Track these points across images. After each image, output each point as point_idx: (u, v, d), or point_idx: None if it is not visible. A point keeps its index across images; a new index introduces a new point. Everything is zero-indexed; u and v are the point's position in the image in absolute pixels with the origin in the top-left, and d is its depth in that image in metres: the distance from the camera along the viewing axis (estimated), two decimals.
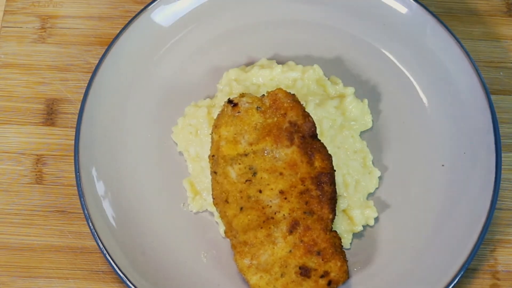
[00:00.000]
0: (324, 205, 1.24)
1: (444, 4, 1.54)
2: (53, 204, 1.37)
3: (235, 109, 1.28)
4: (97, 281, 1.32)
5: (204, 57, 1.45)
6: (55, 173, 1.39)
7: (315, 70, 1.41)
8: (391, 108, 1.42)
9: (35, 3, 1.53)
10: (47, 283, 1.32)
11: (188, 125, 1.37)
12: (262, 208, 1.24)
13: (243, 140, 1.27)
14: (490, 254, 1.35)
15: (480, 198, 1.30)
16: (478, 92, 1.36)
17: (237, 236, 1.24)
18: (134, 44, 1.41)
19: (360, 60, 1.45)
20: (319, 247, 1.23)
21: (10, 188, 1.38)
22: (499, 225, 1.37)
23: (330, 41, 1.46)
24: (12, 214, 1.36)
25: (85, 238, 1.35)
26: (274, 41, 1.46)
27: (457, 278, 1.24)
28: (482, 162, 1.32)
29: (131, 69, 1.41)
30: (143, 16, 1.41)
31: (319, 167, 1.25)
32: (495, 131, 1.33)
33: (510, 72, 1.49)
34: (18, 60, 1.47)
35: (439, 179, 1.35)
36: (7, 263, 1.33)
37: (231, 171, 1.25)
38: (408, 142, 1.39)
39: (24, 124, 1.43)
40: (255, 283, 1.23)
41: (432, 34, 1.41)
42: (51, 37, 1.50)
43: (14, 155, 1.40)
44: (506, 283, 1.34)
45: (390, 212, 1.35)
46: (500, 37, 1.52)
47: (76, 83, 1.46)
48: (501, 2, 1.55)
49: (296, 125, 1.27)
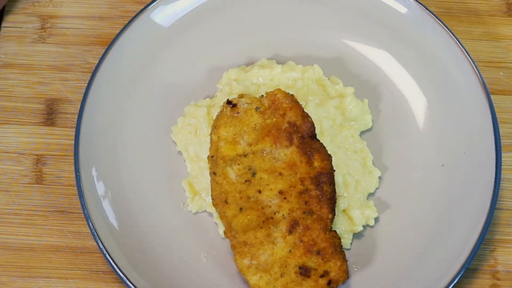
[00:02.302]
0: (323, 205, 1.24)
1: (444, 4, 1.54)
2: (53, 204, 1.37)
3: (234, 110, 1.28)
4: (97, 281, 1.32)
5: (204, 57, 1.45)
6: (55, 173, 1.39)
7: (315, 70, 1.41)
8: (391, 108, 1.42)
9: (35, 3, 1.53)
10: (47, 283, 1.32)
11: (188, 124, 1.37)
12: (262, 208, 1.24)
13: (242, 141, 1.27)
14: (490, 254, 1.35)
15: (480, 198, 1.30)
16: (478, 92, 1.36)
17: (236, 236, 1.24)
18: (134, 44, 1.41)
19: (360, 60, 1.45)
20: (318, 246, 1.23)
21: (10, 188, 1.38)
22: (499, 225, 1.37)
23: (330, 41, 1.46)
24: (12, 214, 1.36)
25: (85, 238, 1.35)
26: (274, 41, 1.46)
27: (457, 278, 1.24)
28: (482, 162, 1.32)
29: (131, 69, 1.41)
30: (143, 16, 1.41)
31: (319, 167, 1.25)
32: (495, 131, 1.33)
33: (510, 72, 1.49)
34: (18, 60, 1.48)
35: (439, 179, 1.35)
36: (7, 263, 1.33)
37: (230, 172, 1.25)
38: (408, 142, 1.39)
39: (24, 124, 1.43)
40: (255, 283, 1.23)
41: (432, 34, 1.41)
42: (51, 37, 1.50)
43: (14, 155, 1.40)
44: (506, 283, 1.34)
45: (390, 212, 1.35)
46: (500, 37, 1.51)
47: (76, 83, 1.46)
48: (501, 2, 1.55)
49: (295, 126, 1.26)
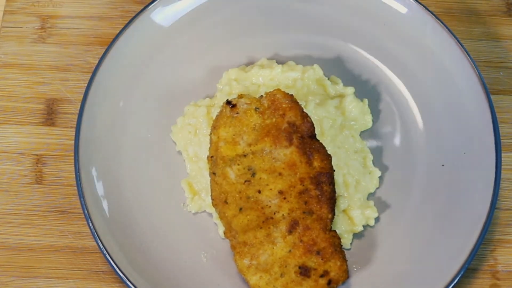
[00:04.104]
0: (323, 204, 1.24)
1: (444, 4, 1.54)
2: (53, 204, 1.37)
3: (234, 110, 1.28)
4: (97, 281, 1.32)
5: (204, 57, 1.45)
6: (55, 173, 1.39)
7: (315, 70, 1.41)
8: (391, 108, 1.42)
9: (35, 3, 1.53)
10: (46, 283, 1.32)
11: (188, 124, 1.37)
12: (262, 209, 1.24)
13: (242, 141, 1.26)
14: (490, 254, 1.35)
15: (480, 198, 1.30)
16: (478, 92, 1.35)
17: (236, 236, 1.24)
18: (134, 44, 1.41)
19: (360, 60, 1.45)
20: (318, 246, 1.23)
21: (10, 188, 1.38)
22: (499, 225, 1.37)
23: (330, 41, 1.46)
24: (11, 214, 1.36)
25: (85, 238, 1.35)
26: (274, 41, 1.46)
27: (457, 278, 1.24)
28: (482, 162, 1.32)
29: (131, 69, 1.41)
30: (143, 16, 1.41)
31: (318, 167, 1.25)
32: (495, 131, 1.33)
33: (510, 72, 1.48)
34: (18, 60, 1.47)
35: (439, 179, 1.35)
36: (6, 263, 1.33)
37: (230, 172, 1.25)
38: (408, 142, 1.39)
39: (24, 124, 1.43)
40: (255, 283, 1.23)
41: (432, 34, 1.41)
42: (51, 37, 1.50)
43: (14, 155, 1.40)
44: (506, 283, 1.34)
45: (390, 212, 1.35)
46: (500, 37, 1.51)
47: (76, 83, 1.46)
48: (501, 2, 1.55)
49: (295, 126, 1.26)
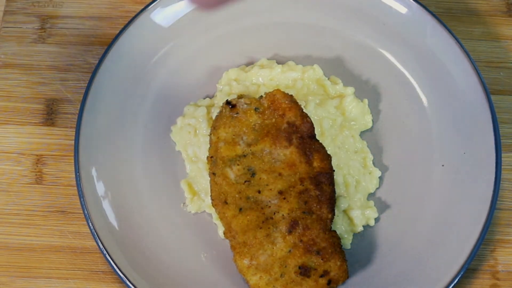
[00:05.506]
0: (323, 205, 1.24)
1: (444, 4, 1.54)
2: (52, 204, 1.37)
3: (233, 111, 1.28)
4: (97, 281, 1.32)
5: (204, 57, 1.45)
6: (55, 173, 1.39)
7: (315, 70, 1.41)
8: (391, 108, 1.42)
9: (35, 3, 1.53)
10: (46, 283, 1.32)
11: (187, 124, 1.37)
12: (261, 209, 1.24)
13: (241, 141, 1.26)
14: (490, 254, 1.35)
15: (480, 198, 1.30)
16: (478, 92, 1.36)
17: (236, 236, 1.24)
18: (134, 44, 1.41)
19: (360, 60, 1.45)
20: (318, 246, 1.23)
21: (10, 188, 1.38)
22: (499, 225, 1.37)
23: (330, 41, 1.46)
24: (11, 214, 1.36)
25: (85, 238, 1.35)
26: (274, 41, 1.46)
27: (457, 278, 1.25)
28: (482, 162, 1.32)
29: (131, 69, 1.41)
30: (143, 16, 1.41)
31: (318, 167, 1.25)
32: (495, 131, 1.33)
33: (510, 72, 1.48)
34: (18, 60, 1.48)
35: (439, 179, 1.35)
36: (6, 263, 1.33)
37: (229, 172, 1.25)
38: (408, 142, 1.39)
39: (24, 124, 1.43)
40: (255, 283, 1.23)
41: (432, 34, 1.41)
42: (51, 37, 1.50)
43: (14, 155, 1.40)
44: (506, 283, 1.34)
45: (390, 212, 1.35)
46: (500, 37, 1.51)
47: (76, 83, 1.46)
48: (501, 2, 1.55)
49: (295, 126, 1.26)
